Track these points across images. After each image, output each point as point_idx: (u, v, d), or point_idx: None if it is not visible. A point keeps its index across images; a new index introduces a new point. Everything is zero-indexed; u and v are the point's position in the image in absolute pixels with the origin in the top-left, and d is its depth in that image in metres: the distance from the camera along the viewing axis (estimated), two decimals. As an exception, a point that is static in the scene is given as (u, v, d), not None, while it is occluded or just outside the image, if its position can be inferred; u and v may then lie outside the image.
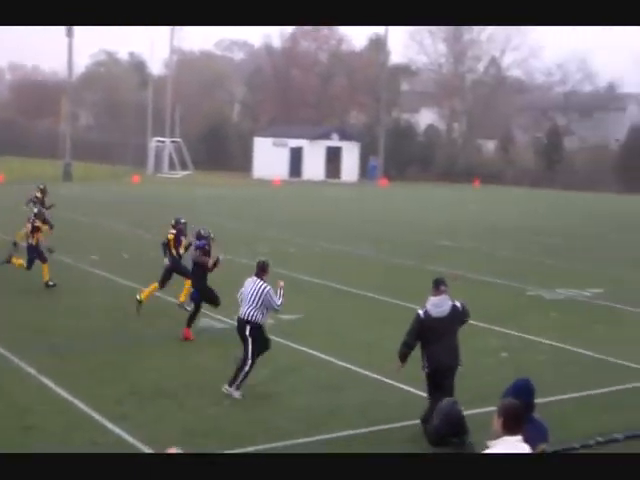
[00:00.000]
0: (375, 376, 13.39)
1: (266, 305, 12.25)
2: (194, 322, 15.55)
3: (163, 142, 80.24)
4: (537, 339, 16.24)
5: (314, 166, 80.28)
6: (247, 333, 12.14)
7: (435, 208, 49.20)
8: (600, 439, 6.85)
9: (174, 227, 17.57)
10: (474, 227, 37.34)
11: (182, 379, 13.02)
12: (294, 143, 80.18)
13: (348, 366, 13.99)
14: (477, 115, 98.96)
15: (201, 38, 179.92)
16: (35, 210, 20.94)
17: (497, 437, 6.02)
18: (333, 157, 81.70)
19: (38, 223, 19.93)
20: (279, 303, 12.34)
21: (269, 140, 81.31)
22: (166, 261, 17.53)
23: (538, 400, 11.43)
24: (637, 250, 31.79)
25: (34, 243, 19.83)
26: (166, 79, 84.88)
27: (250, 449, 10.06)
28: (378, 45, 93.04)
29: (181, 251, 17.57)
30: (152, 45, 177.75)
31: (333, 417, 11.51)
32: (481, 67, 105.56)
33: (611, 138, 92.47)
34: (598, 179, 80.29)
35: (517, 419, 6.10)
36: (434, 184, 75.21)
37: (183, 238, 17.63)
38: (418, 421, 10.65)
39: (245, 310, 12.22)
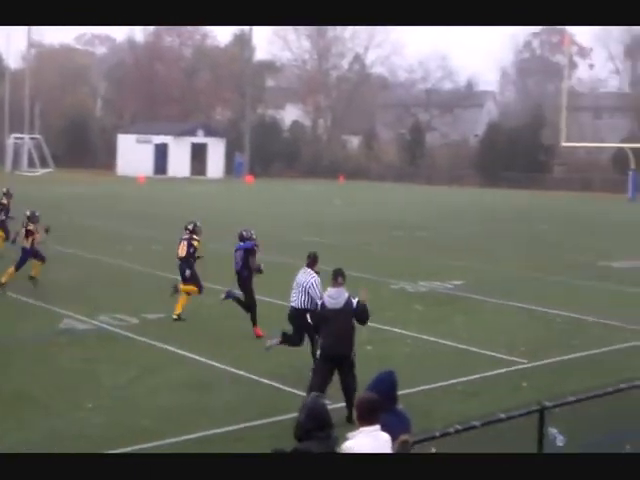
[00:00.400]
0: (243, 373, 13.40)
1: (311, 295, 12.96)
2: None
3: (22, 138, 77.86)
4: (401, 332, 16.57)
5: (179, 163, 79.54)
6: (307, 320, 12.61)
7: (300, 204, 49.51)
8: (459, 427, 7.03)
9: (192, 232, 17.54)
10: (338, 222, 37.78)
11: (44, 382, 12.69)
12: (159, 139, 79.22)
13: (216, 364, 13.93)
14: (341, 111, 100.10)
15: (61, 31, 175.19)
16: (28, 213, 20.13)
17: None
18: (198, 154, 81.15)
19: (31, 227, 19.60)
20: (320, 296, 12.43)
21: (133, 137, 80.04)
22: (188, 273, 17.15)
23: (403, 391, 11.69)
24: (494, 242, 32.85)
25: (28, 246, 19.54)
26: (24, 73, 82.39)
27: (118, 451, 9.89)
28: (243, 41, 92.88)
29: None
30: (8, 37, 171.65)
31: (202, 416, 11.44)
32: (345, 64, 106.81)
33: (470, 134, 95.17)
34: (459, 173, 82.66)
35: (371, 411, 6.39)
36: (300, 180, 75.67)
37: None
38: (287, 416, 10.73)
39: (299, 301, 13.13)
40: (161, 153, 79.68)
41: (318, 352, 11.65)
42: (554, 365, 14.74)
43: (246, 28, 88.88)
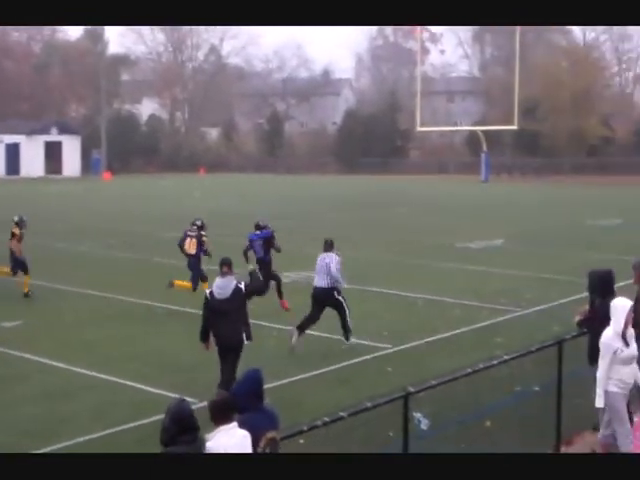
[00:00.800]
0: (106, 377, 13.10)
1: (332, 272, 14.72)
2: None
3: None
4: (268, 324, 16.55)
5: (33, 162, 77.26)
6: (335, 297, 14.76)
7: (160, 199, 48.87)
8: (327, 419, 7.07)
9: (200, 228, 18.59)
10: (200, 215, 37.40)
11: None
12: (10, 139, 76.70)
13: (78, 370, 13.56)
14: (199, 103, 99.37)
15: None
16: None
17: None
18: (53, 152, 79.00)
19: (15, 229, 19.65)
20: (335, 271, 14.72)
21: (-18, 137, 77.30)
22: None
23: (274, 384, 11.78)
24: (354, 228, 33.27)
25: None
26: None
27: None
28: (94, 35, 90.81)
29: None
30: None
31: (65, 426, 11.11)
32: (201, 55, 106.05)
33: (328, 122, 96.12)
34: (318, 162, 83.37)
35: (223, 410, 6.45)
36: (159, 175, 74.78)
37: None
38: (154, 418, 10.55)
39: (325, 282, 14.76)
40: (13, 153, 77.18)
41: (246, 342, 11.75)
42: (418, 348, 15.05)
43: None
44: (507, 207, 42.38)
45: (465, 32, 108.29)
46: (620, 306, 9.42)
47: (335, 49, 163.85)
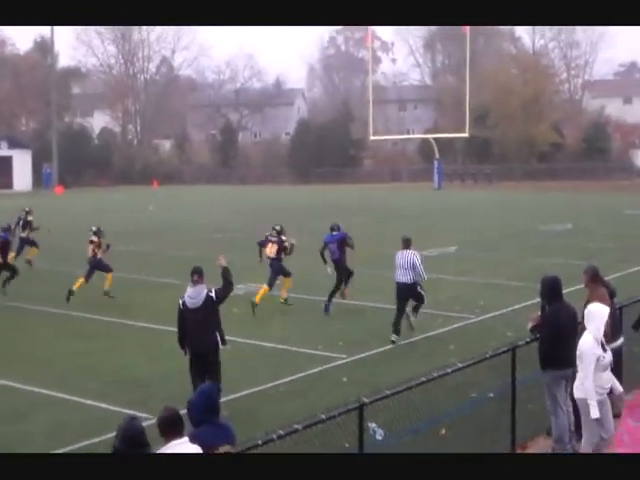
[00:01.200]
0: (61, 395, 12.96)
1: (416, 267, 16.12)
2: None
3: None
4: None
5: (-18, 177, 76.40)
6: (418, 290, 16.26)
7: (113, 212, 48.43)
8: (282, 432, 7.08)
9: (280, 233, 19.58)
10: (153, 229, 37.29)
11: None
12: (-42, 154, 75.75)
13: (31, 389, 13.40)
14: (151, 115, 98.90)
15: None
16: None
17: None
18: (3, 167, 78.10)
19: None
20: (420, 267, 16.21)
21: None
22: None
23: (229, 397, 11.75)
24: (308, 238, 33.22)
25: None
26: None
27: None
28: (44, 47, 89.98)
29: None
30: None
31: (18, 447, 10.95)
32: (153, 67, 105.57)
33: (282, 132, 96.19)
34: (272, 172, 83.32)
35: (172, 425, 6.44)
36: (112, 188, 74.16)
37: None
38: (107, 436, 10.44)
39: (409, 277, 16.11)
40: (-39, 168, 76.32)
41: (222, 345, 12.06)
42: (373, 357, 15.11)
43: (47, 34, 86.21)
44: (460, 214, 42.68)
45: (416, 40, 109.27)
46: (597, 312, 9.35)
47: (287, 59, 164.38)
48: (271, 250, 19.46)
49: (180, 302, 11.92)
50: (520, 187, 66.75)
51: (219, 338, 11.97)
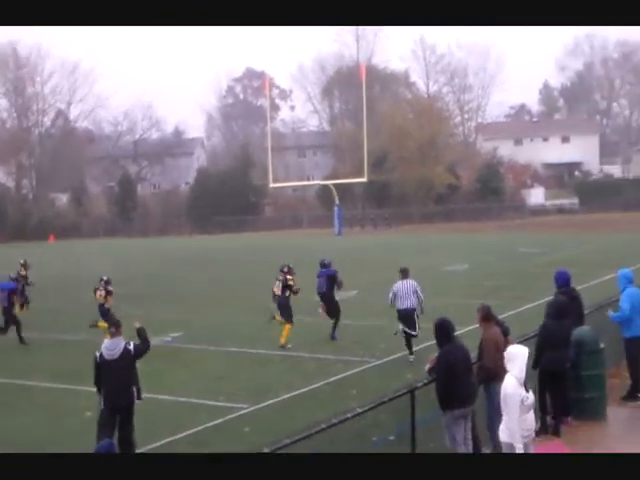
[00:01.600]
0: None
1: (419, 294, 18.11)
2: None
3: None
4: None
5: None
6: (415, 316, 17.86)
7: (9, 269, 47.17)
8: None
9: (288, 273, 20.78)
10: (47, 284, 36.49)
11: None
12: None
13: None
14: (47, 169, 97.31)
15: None
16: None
17: None
18: None
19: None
20: (421, 294, 18.21)
21: None
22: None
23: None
24: (209, 288, 33.07)
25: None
26: None
27: None
28: None
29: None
30: None
31: None
32: (48, 120, 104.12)
33: (182, 182, 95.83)
34: (172, 222, 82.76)
35: None
36: (7, 244, 72.33)
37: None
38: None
39: (411, 301, 17.93)
40: None
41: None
42: (275, 405, 15.02)
43: None
44: (360, 259, 42.97)
45: (314, 87, 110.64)
46: (519, 353, 9.26)
47: (185, 108, 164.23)
48: (277, 288, 20.79)
49: (97, 354, 11.97)
50: (419, 229, 67.82)
51: (136, 392, 11.99)
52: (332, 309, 21.00)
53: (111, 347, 11.89)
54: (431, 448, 10.69)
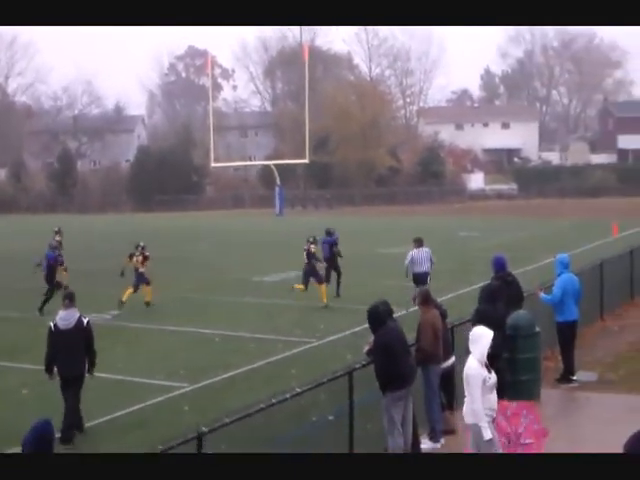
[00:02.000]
0: None
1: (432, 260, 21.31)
2: None
3: None
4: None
5: None
6: (428, 279, 20.59)
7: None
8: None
9: (313, 243, 23.27)
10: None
11: None
12: None
13: None
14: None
15: None
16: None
17: None
18: None
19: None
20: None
21: None
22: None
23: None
24: (152, 266, 32.84)
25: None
26: None
27: None
28: None
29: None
30: None
31: None
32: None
33: (122, 158, 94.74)
34: (112, 200, 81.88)
35: None
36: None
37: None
38: None
39: (426, 267, 20.87)
40: None
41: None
42: (215, 385, 15.07)
43: None
44: (300, 239, 43.01)
45: (256, 67, 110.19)
46: (482, 334, 9.32)
47: (127, 85, 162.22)
48: (304, 257, 23.41)
49: (51, 324, 12.34)
50: (360, 211, 68.10)
51: (87, 364, 12.37)
52: (335, 270, 24.11)
53: (66, 317, 12.22)
54: (369, 429, 10.86)
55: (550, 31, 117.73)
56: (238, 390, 14.39)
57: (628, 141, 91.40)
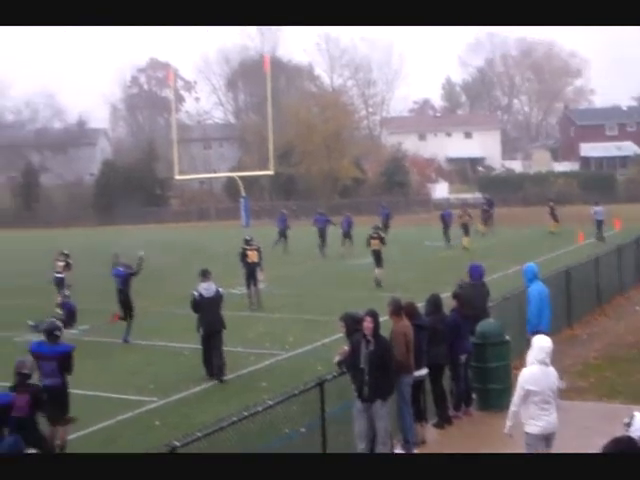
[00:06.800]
0: None
1: None
2: None
3: None
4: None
5: None
6: None
7: None
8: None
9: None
10: None
11: None
12: None
13: None
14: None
15: None
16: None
17: None
18: None
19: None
20: None
21: None
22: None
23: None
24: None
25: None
26: None
27: None
28: None
29: None
30: None
31: None
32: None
33: (86, 173, 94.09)
34: (76, 214, 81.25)
35: None
36: None
37: None
38: None
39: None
40: None
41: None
42: (186, 399, 15.03)
43: None
44: (268, 251, 42.98)
45: (218, 79, 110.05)
46: (543, 345, 9.68)
47: (89, 99, 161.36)
48: (374, 243, 28.55)
49: (196, 294, 16.33)
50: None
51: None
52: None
53: (208, 288, 16.33)
54: (340, 441, 10.88)
55: (510, 40, 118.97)
56: (209, 404, 14.43)
57: (590, 149, 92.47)
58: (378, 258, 28.41)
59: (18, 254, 48.49)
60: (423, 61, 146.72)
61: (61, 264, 25.34)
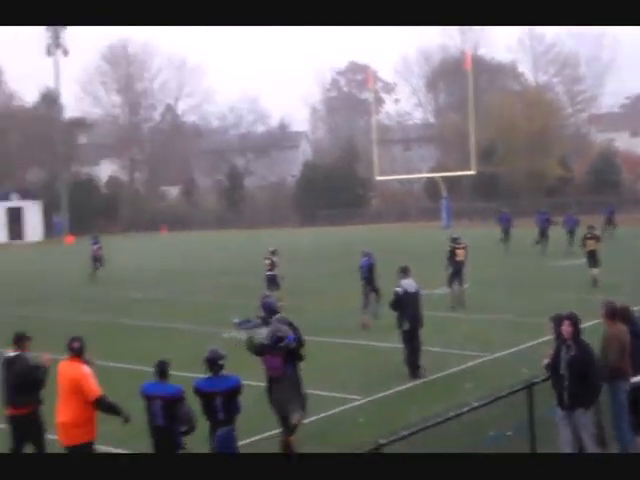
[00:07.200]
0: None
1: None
2: None
3: None
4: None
5: (-5, 229, 77.21)
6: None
7: (123, 260, 48.53)
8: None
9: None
10: (163, 275, 37.33)
11: None
12: (-30, 206, 76.46)
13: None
14: (158, 163, 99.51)
15: None
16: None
17: None
18: (14, 218, 78.87)
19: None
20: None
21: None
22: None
23: (254, 438, 11.59)
24: (322, 280, 33.17)
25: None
26: None
27: None
28: (50, 99, 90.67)
29: None
30: None
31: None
32: (157, 115, 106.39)
33: (288, 174, 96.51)
34: (279, 215, 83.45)
35: None
36: (121, 235, 74.35)
37: None
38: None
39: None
40: (-26, 221, 77.08)
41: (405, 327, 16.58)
42: (388, 397, 14.99)
43: (52, 85, 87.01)
44: (470, 252, 42.33)
45: (418, 80, 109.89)
46: None
47: (289, 102, 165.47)
48: (590, 244, 27.82)
49: (400, 290, 16.53)
50: (531, 223, 66.37)
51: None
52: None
53: (410, 284, 16.66)
54: (548, 447, 10.49)
55: None
56: (412, 403, 14.29)
57: None
58: (594, 258, 27.57)
59: (226, 253, 50.22)
60: (637, 54, 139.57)
61: (268, 262, 26.11)
